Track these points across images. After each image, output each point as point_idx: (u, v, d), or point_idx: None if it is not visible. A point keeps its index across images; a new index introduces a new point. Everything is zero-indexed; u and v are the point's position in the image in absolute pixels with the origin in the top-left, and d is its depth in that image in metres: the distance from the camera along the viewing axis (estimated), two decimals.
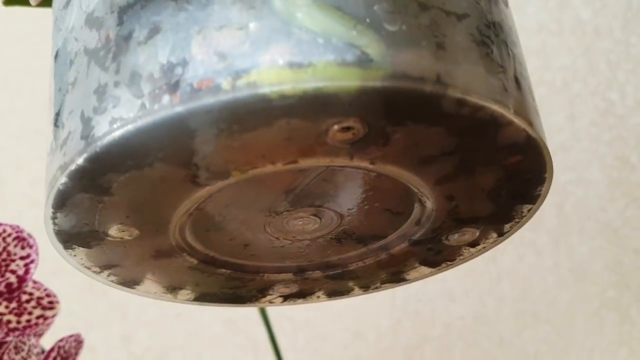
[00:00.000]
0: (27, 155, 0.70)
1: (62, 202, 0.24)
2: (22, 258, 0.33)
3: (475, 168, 0.24)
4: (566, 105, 0.68)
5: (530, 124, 0.23)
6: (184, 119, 0.21)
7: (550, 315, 0.69)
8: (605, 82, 0.67)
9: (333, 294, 0.33)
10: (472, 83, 0.22)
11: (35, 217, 0.71)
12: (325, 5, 0.21)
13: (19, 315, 0.34)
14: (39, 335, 0.36)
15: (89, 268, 0.28)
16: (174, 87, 0.21)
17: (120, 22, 0.22)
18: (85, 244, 0.26)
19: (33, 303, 0.35)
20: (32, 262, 0.33)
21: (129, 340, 0.72)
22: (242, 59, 0.20)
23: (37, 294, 0.35)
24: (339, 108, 0.21)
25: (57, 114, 0.24)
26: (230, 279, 0.30)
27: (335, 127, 0.21)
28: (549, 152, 0.25)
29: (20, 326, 0.34)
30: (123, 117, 0.21)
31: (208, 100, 0.20)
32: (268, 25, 0.21)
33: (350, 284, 0.32)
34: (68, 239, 0.26)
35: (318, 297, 0.33)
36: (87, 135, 0.22)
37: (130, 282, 0.29)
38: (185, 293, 0.31)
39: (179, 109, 0.20)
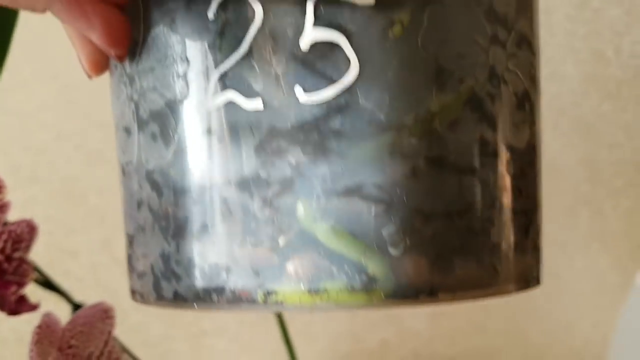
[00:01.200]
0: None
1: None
2: None
3: None
4: None
5: (519, 280, 0.29)
6: (227, 310, 0.28)
7: None
8: None
9: None
10: (462, 284, 0.27)
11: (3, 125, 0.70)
12: (341, 231, 0.26)
13: None
14: None
15: None
16: (219, 290, 0.27)
17: (176, 204, 0.28)
18: None
19: None
20: None
21: (109, 244, 0.73)
22: (272, 280, 0.26)
23: None
24: None
25: (132, 237, 0.30)
26: None
27: None
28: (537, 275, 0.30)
29: None
30: (183, 295, 0.28)
31: (245, 307, 0.27)
32: (293, 247, 0.26)
33: None
34: None
35: None
36: (157, 290, 0.29)
37: None
38: None
39: (224, 307, 0.27)
